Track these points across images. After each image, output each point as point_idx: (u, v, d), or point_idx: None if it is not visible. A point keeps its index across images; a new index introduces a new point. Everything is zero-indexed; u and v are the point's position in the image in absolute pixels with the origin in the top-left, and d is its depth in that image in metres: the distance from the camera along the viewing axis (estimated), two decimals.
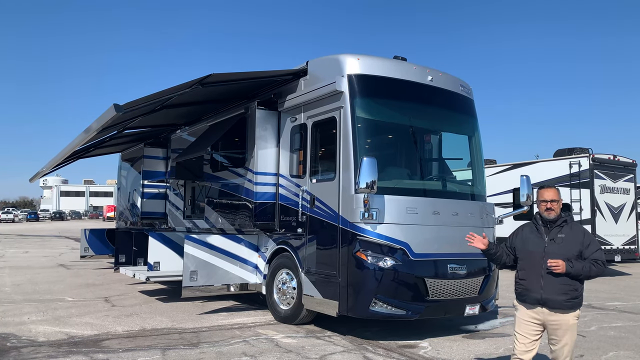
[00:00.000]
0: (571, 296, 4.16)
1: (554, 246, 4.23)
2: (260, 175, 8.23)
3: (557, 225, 4.30)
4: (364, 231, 6.55)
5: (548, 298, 4.18)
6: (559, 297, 4.15)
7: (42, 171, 13.61)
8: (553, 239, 4.27)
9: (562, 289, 4.15)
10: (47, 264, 16.68)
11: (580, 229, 4.34)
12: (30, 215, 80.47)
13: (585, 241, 4.23)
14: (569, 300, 4.16)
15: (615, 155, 15.97)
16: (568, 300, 4.16)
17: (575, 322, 4.22)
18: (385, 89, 7.28)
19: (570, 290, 4.16)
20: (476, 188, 7.97)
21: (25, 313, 8.27)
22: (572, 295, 4.16)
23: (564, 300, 4.15)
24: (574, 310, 4.19)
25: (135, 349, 6.13)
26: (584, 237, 4.25)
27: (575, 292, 4.17)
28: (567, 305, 4.17)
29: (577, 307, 4.21)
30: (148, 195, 12.70)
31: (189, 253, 8.12)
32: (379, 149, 7.33)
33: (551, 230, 4.31)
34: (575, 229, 4.30)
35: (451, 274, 6.83)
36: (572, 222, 4.35)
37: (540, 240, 4.31)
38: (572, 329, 4.21)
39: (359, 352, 6.21)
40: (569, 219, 4.34)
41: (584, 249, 4.20)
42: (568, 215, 4.37)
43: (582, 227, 4.43)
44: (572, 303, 4.18)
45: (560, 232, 4.27)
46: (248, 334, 6.98)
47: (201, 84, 7.49)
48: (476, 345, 6.68)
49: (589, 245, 4.21)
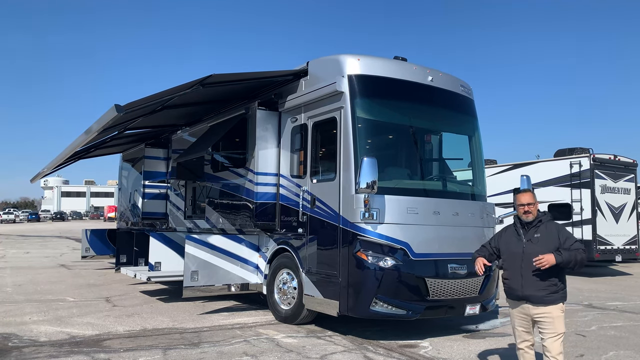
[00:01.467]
0: (550, 291, 4.44)
1: (532, 246, 4.52)
2: (261, 176, 8.25)
3: (533, 226, 4.61)
4: (364, 231, 6.57)
5: (529, 294, 4.49)
6: (538, 292, 4.45)
7: (43, 172, 13.63)
8: (530, 239, 4.57)
9: (540, 285, 4.45)
10: (48, 264, 16.71)
11: (554, 226, 4.59)
12: (31, 215, 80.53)
13: (561, 236, 4.48)
14: (549, 295, 4.44)
15: (616, 155, 15.96)
16: (548, 295, 4.44)
17: (560, 315, 4.46)
18: (385, 89, 7.29)
19: (549, 285, 4.44)
20: (476, 188, 7.98)
21: (26, 313, 8.29)
22: (551, 290, 4.44)
23: (543, 295, 4.45)
24: (555, 303, 4.45)
25: (136, 348, 6.14)
26: (559, 233, 4.51)
27: (554, 287, 4.44)
28: (548, 300, 4.44)
29: (559, 300, 4.47)
30: (149, 196, 12.72)
31: (190, 253, 8.13)
32: (379, 149, 7.34)
33: (528, 231, 4.61)
34: (549, 227, 4.57)
35: (451, 274, 6.84)
36: (547, 221, 4.62)
37: (519, 242, 4.63)
38: (557, 320, 4.44)
39: (359, 351, 6.23)
40: (544, 219, 4.62)
41: (562, 244, 4.44)
42: (543, 215, 4.66)
43: (556, 224, 4.64)
44: (553, 297, 4.45)
45: (536, 232, 4.57)
46: (249, 334, 6.99)
47: (202, 85, 7.50)
48: (477, 345, 6.69)
49: (566, 240, 4.46)
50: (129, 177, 14.53)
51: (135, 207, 13.42)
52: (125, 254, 12.71)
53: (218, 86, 8.04)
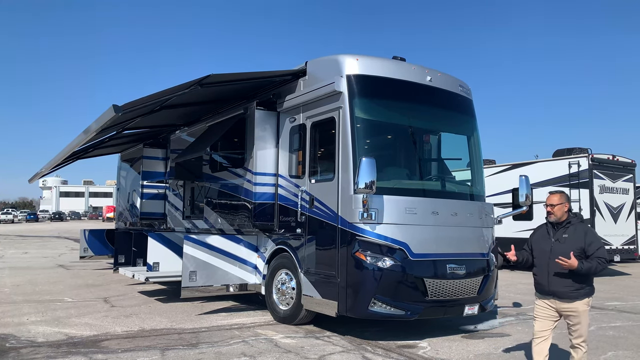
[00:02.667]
0: (575, 287, 4.71)
1: (559, 245, 4.80)
2: (260, 176, 8.24)
3: (562, 226, 4.88)
4: (363, 231, 6.56)
5: (555, 290, 4.80)
6: (563, 289, 4.75)
7: (42, 172, 13.61)
8: (558, 239, 4.85)
9: (566, 282, 4.73)
10: (46, 264, 16.69)
11: (583, 229, 4.82)
12: (29, 216, 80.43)
13: (587, 240, 4.72)
14: (574, 291, 4.72)
15: (615, 155, 15.98)
16: (573, 291, 4.72)
17: (585, 309, 4.76)
18: (384, 90, 7.28)
19: (574, 282, 4.71)
20: (475, 188, 7.97)
21: (24, 314, 8.27)
22: (575, 287, 4.71)
23: (569, 291, 4.74)
24: (581, 299, 4.73)
25: (134, 349, 6.13)
26: (585, 236, 4.74)
27: (578, 284, 4.71)
28: (573, 295, 4.73)
29: (584, 296, 4.74)
30: (147, 196, 12.71)
31: (188, 253, 8.11)
32: (378, 149, 7.34)
33: (557, 231, 4.89)
34: (578, 230, 4.81)
35: (450, 274, 6.83)
36: (577, 223, 4.87)
37: (548, 241, 4.91)
38: (582, 314, 4.76)
39: (357, 352, 6.22)
40: (574, 221, 4.87)
41: (586, 247, 4.69)
42: (574, 217, 4.91)
43: (586, 227, 4.88)
44: (577, 293, 4.72)
45: (564, 233, 4.84)
46: (247, 334, 6.98)
47: (200, 85, 7.49)
48: (475, 345, 6.68)
49: (591, 244, 4.70)
50: (127, 177, 14.51)
51: (134, 207, 13.40)
52: (123, 254, 12.67)
53: (216, 86, 8.03)
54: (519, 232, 16.43)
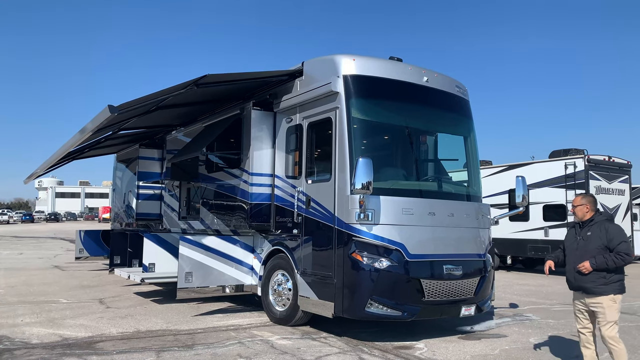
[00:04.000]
0: (599, 283, 4.95)
1: (583, 243, 5.12)
2: (256, 176, 8.21)
3: (586, 225, 5.19)
4: (359, 232, 6.53)
5: (581, 285, 5.08)
6: (588, 284, 5.01)
7: (37, 172, 13.53)
8: (583, 237, 5.15)
9: (590, 278, 4.99)
10: (42, 265, 16.60)
11: (605, 226, 5.05)
12: (25, 216, 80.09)
13: (608, 236, 4.97)
14: (598, 287, 4.96)
15: (610, 157, 16.01)
16: (597, 286, 4.96)
17: (611, 305, 4.94)
18: (381, 90, 7.27)
19: (598, 278, 4.95)
20: (472, 189, 7.96)
21: (19, 315, 8.21)
22: (600, 282, 4.95)
23: (592, 286, 4.98)
24: (606, 294, 4.94)
25: (129, 350, 6.08)
26: (607, 233, 4.99)
27: (602, 279, 4.94)
28: (597, 291, 4.96)
29: (610, 292, 4.94)
30: (143, 197, 12.66)
31: (184, 254, 8.08)
32: (374, 150, 7.31)
33: (582, 230, 5.21)
34: (601, 227, 5.06)
35: (447, 275, 6.82)
36: (601, 221, 5.11)
37: (575, 239, 5.25)
38: (608, 310, 4.95)
39: (354, 353, 6.19)
40: (598, 219, 5.14)
41: (608, 243, 4.95)
42: (598, 216, 5.17)
43: (609, 224, 5.07)
44: (602, 289, 4.95)
45: (588, 231, 5.13)
46: (243, 336, 6.95)
47: (196, 85, 7.46)
48: (472, 346, 6.67)
49: (611, 240, 4.95)
50: (123, 178, 14.46)
51: (130, 208, 13.34)
52: (119, 255, 12.62)
53: (212, 86, 7.99)
54: (516, 233, 16.48)
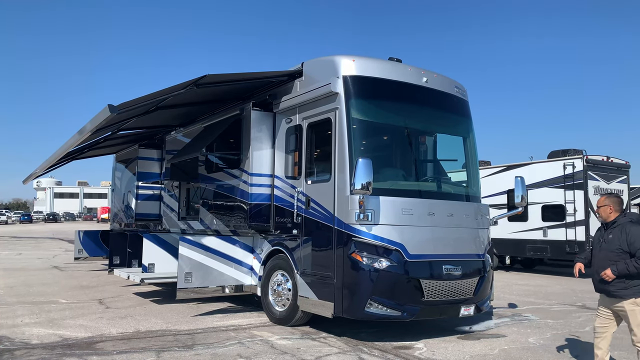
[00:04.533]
0: (619, 287, 4.82)
1: (605, 246, 4.98)
2: (256, 177, 8.22)
3: (609, 227, 5.04)
4: (359, 232, 6.55)
5: (602, 288, 4.97)
6: (608, 287, 4.90)
7: (36, 172, 13.53)
8: (605, 239, 5.02)
9: (611, 282, 4.85)
10: (40, 265, 16.59)
11: (627, 230, 4.86)
12: (23, 217, 79.99)
13: (629, 240, 4.80)
14: (618, 291, 4.83)
15: (609, 157, 16.04)
16: (617, 290, 4.84)
17: (632, 309, 4.80)
18: (380, 91, 7.29)
19: (617, 282, 4.82)
20: (471, 189, 7.98)
21: (18, 315, 8.21)
22: (619, 286, 4.82)
23: (612, 290, 4.87)
24: (626, 298, 4.81)
25: (129, 351, 6.09)
26: (627, 237, 4.82)
27: (622, 283, 4.81)
28: (618, 295, 4.84)
29: (630, 296, 4.80)
30: (142, 197, 12.66)
31: (184, 254, 8.08)
32: (374, 150, 7.33)
33: (605, 232, 5.07)
34: (623, 230, 4.88)
35: (446, 275, 6.84)
36: (624, 223, 4.93)
37: (600, 241, 5.11)
38: (631, 314, 4.82)
39: (354, 353, 6.21)
40: (621, 221, 4.96)
41: (628, 247, 4.79)
42: (622, 217, 4.99)
43: (632, 228, 4.85)
44: (622, 293, 4.82)
45: (610, 234, 4.99)
46: (243, 336, 6.96)
47: (196, 85, 7.47)
48: (471, 346, 6.68)
49: (632, 244, 4.78)
50: (122, 178, 14.46)
51: (129, 208, 13.34)
52: (118, 255, 12.62)
53: (212, 86, 8.01)
54: (515, 233, 16.50)
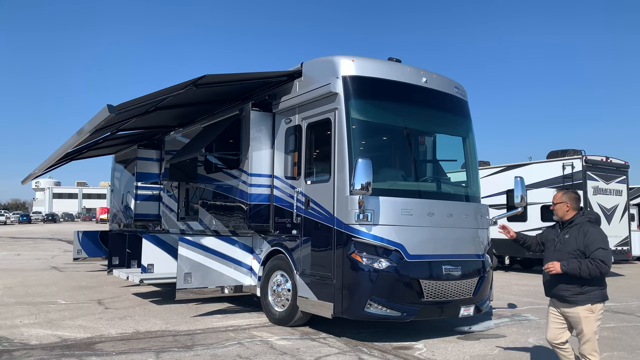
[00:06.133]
0: (574, 292, 4.47)
1: (560, 246, 4.65)
2: (255, 177, 8.21)
3: (565, 226, 4.71)
4: (358, 232, 6.54)
5: (554, 293, 4.64)
6: (561, 292, 4.56)
7: (35, 173, 13.51)
8: (560, 239, 4.69)
9: (563, 285, 4.53)
10: (39, 266, 16.56)
11: (584, 230, 4.53)
12: (22, 217, 79.92)
13: (586, 241, 4.45)
14: (573, 296, 4.48)
15: (608, 157, 16.08)
16: (571, 295, 4.49)
17: (588, 316, 4.45)
18: (380, 91, 7.28)
19: (573, 286, 4.47)
20: (470, 189, 7.98)
21: (17, 316, 8.19)
22: (575, 291, 4.47)
23: (567, 295, 4.52)
24: (581, 304, 4.45)
25: (128, 351, 6.08)
26: (585, 238, 4.48)
27: (578, 288, 4.45)
28: (572, 300, 4.50)
29: (585, 302, 4.45)
30: (142, 197, 12.64)
31: (183, 255, 8.07)
32: (373, 151, 7.34)
33: (561, 231, 4.74)
34: (581, 230, 4.55)
35: (446, 275, 6.84)
36: (583, 223, 4.61)
37: (553, 239, 4.78)
38: (585, 321, 4.45)
39: (354, 353, 6.20)
40: (579, 220, 4.64)
41: (584, 248, 4.45)
42: (581, 216, 4.67)
43: (589, 227, 4.56)
44: (577, 298, 4.47)
45: (567, 233, 4.65)
46: (242, 336, 6.95)
47: (195, 85, 7.46)
48: (471, 346, 6.68)
49: (588, 245, 4.44)
50: (121, 179, 14.44)
51: (128, 209, 13.33)
52: (117, 256, 12.62)
53: (211, 87, 8.00)
54: None
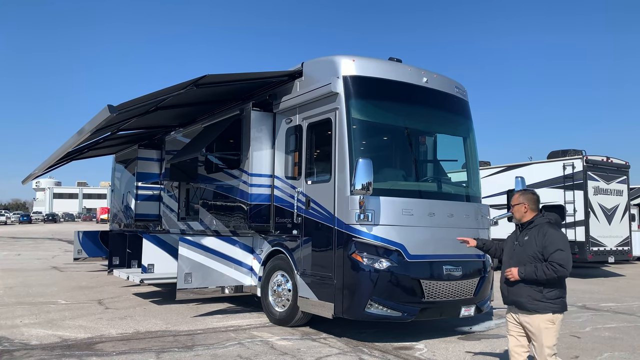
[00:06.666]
0: (534, 298, 4.15)
1: (519, 249, 4.35)
2: (255, 177, 8.20)
3: (525, 228, 4.41)
4: (359, 233, 6.53)
5: (513, 299, 4.32)
6: (520, 298, 4.23)
7: (35, 173, 13.51)
8: (520, 242, 4.39)
9: (523, 292, 4.21)
10: (40, 266, 16.56)
11: (544, 231, 4.22)
12: (22, 217, 79.91)
13: (545, 243, 4.14)
14: (532, 303, 4.16)
15: (609, 157, 16.07)
16: (530, 302, 4.17)
17: (547, 327, 4.13)
18: (380, 91, 7.27)
19: (532, 293, 4.16)
20: (471, 189, 7.97)
21: (17, 316, 8.18)
22: (535, 297, 4.15)
23: (526, 302, 4.20)
24: (541, 312, 4.13)
25: (129, 352, 6.07)
26: (544, 239, 4.17)
27: (538, 294, 4.14)
28: (530, 308, 4.18)
29: (546, 310, 4.13)
30: (142, 197, 12.64)
31: (184, 255, 8.06)
32: (374, 150, 7.32)
33: (521, 233, 4.44)
34: (540, 232, 4.24)
35: (446, 276, 6.82)
36: (542, 224, 4.29)
37: (512, 243, 4.49)
38: (542, 332, 4.14)
39: (354, 354, 6.19)
40: (539, 221, 4.33)
41: (543, 250, 4.14)
42: (540, 217, 4.36)
43: (548, 228, 4.25)
44: (536, 306, 4.15)
45: (526, 235, 4.34)
46: (243, 337, 6.94)
47: (196, 85, 7.45)
48: (472, 346, 6.67)
49: (546, 247, 4.13)
50: (122, 179, 14.44)
51: (128, 209, 13.32)
52: (118, 256, 12.59)
53: (212, 87, 8.00)
54: None
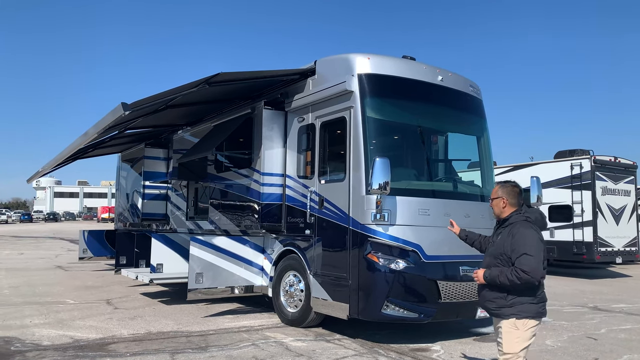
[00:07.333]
0: (499, 304, 3.94)
1: (491, 249, 4.12)
2: (267, 176, 8.12)
3: (501, 225, 4.13)
4: (375, 233, 6.45)
5: (482, 302, 4.14)
6: (487, 302, 4.05)
7: (42, 171, 13.43)
8: (493, 240, 4.18)
9: (489, 295, 4.01)
10: (43, 265, 16.47)
11: (514, 232, 3.91)
12: (23, 216, 79.83)
13: (514, 245, 3.84)
14: (498, 308, 3.96)
15: (616, 157, 15.99)
16: (496, 307, 3.97)
17: (509, 331, 3.88)
18: (396, 89, 7.19)
19: (497, 297, 3.95)
20: (486, 189, 7.87)
21: (26, 316, 8.10)
22: (499, 303, 3.94)
23: (491, 307, 4.02)
24: (506, 317, 3.90)
25: (143, 352, 5.99)
26: (513, 240, 3.87)
27: (502, 300, 3.91)
28: (496, 313, 4.00)
29: (509, 315, 3.88)
30: (149, 196, 12.55)
31: (195, 255, 7.98)
32: (389, 149, 7.23)
33: (496, 232, 4.20)
34: (512, 231, 3.94)
35: (463, 276, 6.73)
36: (518, 222, 3.97)
37: (491, 241, 4.27)
38: (506, 337, 3.89)
39: (371, 355, 6.11)
40: (515, 219, 4.01)
41: (510, 253, 3.86)
42: (516, 215, 4.03)
43: (521, 229, 3.90)
44: (502, 311, 3.93)
45: (499, 234, 4.09)
46: (256, 337, 6.86)
47: (208, 83, 7.37)
48: (488, 348, 6.58)
49: (514, 250, 3.83)
50: (127, 178, 14.34)
51: (135, 208, 13.23)
52: (125, 255, 12.50)
53: (224, 85, 7.91)
54: None
